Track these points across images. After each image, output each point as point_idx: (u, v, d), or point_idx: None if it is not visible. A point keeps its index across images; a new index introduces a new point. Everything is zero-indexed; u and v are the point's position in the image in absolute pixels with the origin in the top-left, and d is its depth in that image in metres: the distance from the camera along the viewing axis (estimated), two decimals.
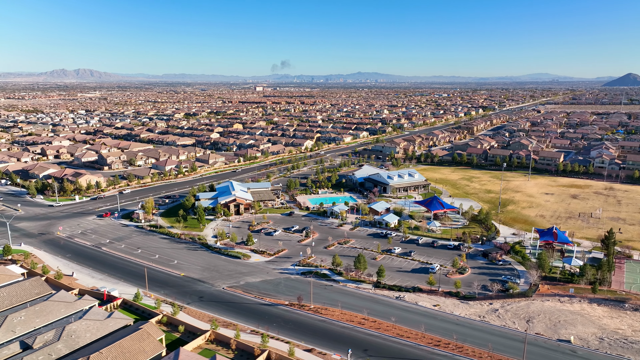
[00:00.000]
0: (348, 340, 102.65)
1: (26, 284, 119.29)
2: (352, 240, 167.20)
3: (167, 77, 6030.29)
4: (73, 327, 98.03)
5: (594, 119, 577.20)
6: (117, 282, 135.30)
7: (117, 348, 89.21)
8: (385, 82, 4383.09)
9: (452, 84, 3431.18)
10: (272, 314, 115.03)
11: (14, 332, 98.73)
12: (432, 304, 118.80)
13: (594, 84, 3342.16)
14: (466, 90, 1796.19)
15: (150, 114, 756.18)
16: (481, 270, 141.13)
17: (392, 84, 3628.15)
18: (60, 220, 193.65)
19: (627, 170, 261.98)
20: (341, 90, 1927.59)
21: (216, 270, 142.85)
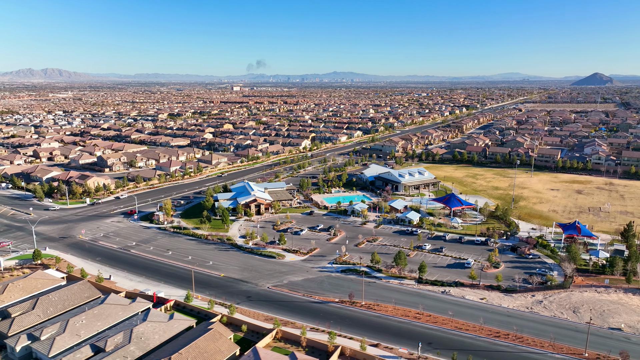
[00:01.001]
0: (408, 334, 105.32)
1: (74, 287, 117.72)
2: (380, 238, 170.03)
3: (140, 77, 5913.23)
4: (140, 329, 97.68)
5: (574, 117, 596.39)
6: (157, 284, 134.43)
7: (195, 348, 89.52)
8: (361, 81, 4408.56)
9: (427, 83, 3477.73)
10: (326, 312, 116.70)
11: (79, 335, 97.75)
12: (479, 298, 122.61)
13: (563, 83, 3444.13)
14: (443, 89, 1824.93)
15: (133, 115, 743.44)
16: (513, 264, 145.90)
17: (368, 84, 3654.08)
18: (78, 224, 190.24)
19: (623, 166, 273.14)
20: (320, 90, 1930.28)
21: (255, 270, 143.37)
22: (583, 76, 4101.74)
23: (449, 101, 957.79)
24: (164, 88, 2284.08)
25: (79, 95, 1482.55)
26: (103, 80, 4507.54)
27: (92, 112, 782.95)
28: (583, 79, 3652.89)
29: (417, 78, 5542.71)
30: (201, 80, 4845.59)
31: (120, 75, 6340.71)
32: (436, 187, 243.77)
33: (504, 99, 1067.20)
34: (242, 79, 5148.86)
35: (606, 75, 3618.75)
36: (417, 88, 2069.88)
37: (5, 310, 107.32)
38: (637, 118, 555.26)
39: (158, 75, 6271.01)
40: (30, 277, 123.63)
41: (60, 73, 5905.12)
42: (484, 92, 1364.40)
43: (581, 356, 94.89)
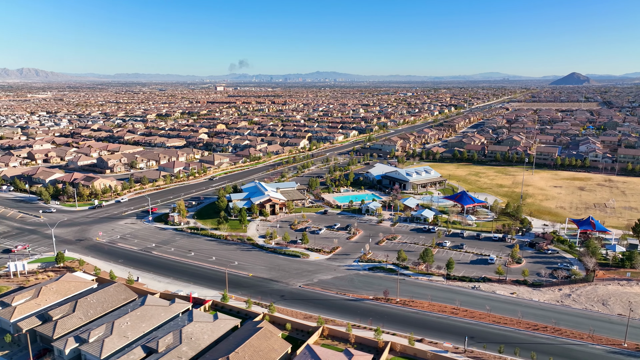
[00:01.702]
0: (448, 329, 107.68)
1: (110, 289, 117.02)
2: (399, 236, 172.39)
3: (120, 77, 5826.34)
4: (189, 330, 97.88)
5: (561, 116, 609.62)
6: (186, 285, 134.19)
7: (249, 347, 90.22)
8: (344, 81, 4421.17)
9: (410, 83, 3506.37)
10: (363, 309, 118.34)
11: (127, 337, 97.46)
12: (509, 292, 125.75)
13: (542, 83, 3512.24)
14: (427, 89, 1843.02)
15: (120, 115, 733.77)
16: (534, 259, 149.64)
17: (351, 83, 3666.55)
18: (91, 226, 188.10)
19: (620, 163, 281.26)
20: (306, 90, 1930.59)
21: (282, 270, 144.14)
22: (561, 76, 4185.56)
23: (436, 100, 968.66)
24: (146, 88, 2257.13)
25: (59, 95, 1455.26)
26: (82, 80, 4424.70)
27: (77, 113, 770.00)
28: (561, 79, 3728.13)
29: (399, 78, 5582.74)
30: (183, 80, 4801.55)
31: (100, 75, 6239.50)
32: (442, 186, 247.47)
33: (489, 98, 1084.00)
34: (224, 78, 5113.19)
35: (583, 75, 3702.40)
36: (400, 88, 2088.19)
37: (46, 313, 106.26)
38: (621, 117, 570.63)
39: (138, 75, 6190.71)
40: (62, 280, 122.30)
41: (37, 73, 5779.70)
42: (469, 92, 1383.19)
43: (620, 346, 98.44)
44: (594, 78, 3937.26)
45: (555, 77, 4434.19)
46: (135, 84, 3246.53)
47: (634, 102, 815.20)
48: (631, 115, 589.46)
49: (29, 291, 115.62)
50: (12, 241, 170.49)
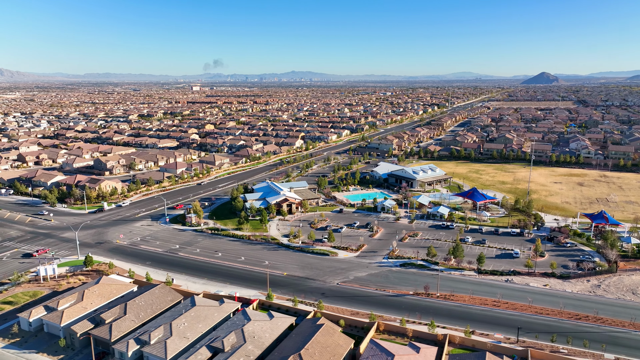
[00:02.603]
0: (494, 320, 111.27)
1: (156, 291, 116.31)
2: (420, 233, 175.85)
3: (90, 77, 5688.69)
4: (250, 329, 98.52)
5: (542, 114, 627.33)
6: (223, 286, 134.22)
7: (316, 344, 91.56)
8: (320, 81, 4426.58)
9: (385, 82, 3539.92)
10: (406, 304, 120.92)
11: (187, 338, 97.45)
12: (542, 284, 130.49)
13: (513, 82, 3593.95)
14: (404, 88, 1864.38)
15: (101, 116, 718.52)
16: (555, 252, 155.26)
17: (327, 83, 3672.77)
18: (107, 229, 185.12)
19: (612, 160, 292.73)
20: (284, 90, 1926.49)
21: (315, 268, 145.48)
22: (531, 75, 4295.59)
23: (417, 100, 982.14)
24: (119, 88, 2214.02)
25: (28, 96, 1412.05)
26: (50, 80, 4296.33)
27: (55, 114, 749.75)
28: (531, 78, 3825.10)
29: (374, 77, 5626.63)
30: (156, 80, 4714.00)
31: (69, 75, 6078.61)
32: (448, 183, 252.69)
33: (468, 97, 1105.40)
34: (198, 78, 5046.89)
35: (552, 75, 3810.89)
36: (376, 87, 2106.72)
37: (97, 316, 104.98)
38: (599, 115, 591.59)
39: (109, 75, 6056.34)
40: (102, 283, 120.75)
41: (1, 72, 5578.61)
42: (447, 91, 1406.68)
43: None
44: (562, 77, 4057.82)
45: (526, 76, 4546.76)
46: (107, 83, 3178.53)
47: (607, 101, 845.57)
48: (607, 114, 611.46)
49: (72, 295, 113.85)
50: (29, 245, 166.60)
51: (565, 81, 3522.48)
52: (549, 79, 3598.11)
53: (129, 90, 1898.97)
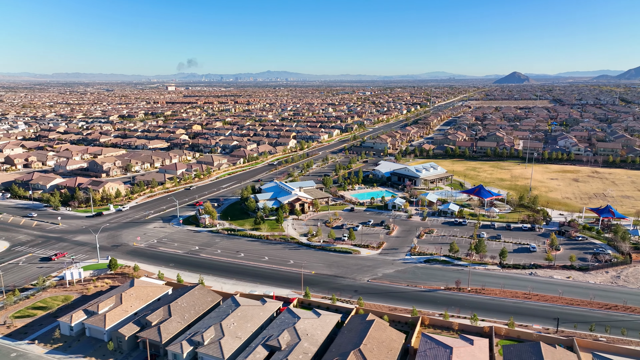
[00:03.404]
0: (529, 312, 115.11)
1: (195, 293, 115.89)
2: (435, 230, 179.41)
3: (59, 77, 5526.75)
4: (301, 327, 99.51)
5: (522, 113, 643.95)
6: (254, 285, 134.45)
7: (372, 339, 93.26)
8: (296, 80, 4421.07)
9: (361, 82, 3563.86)
10: (440, 298, 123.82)
11: (239, 337, 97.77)
12: (565, 277, 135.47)
13: (485, 81, 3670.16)
14: (383, 88, 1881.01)
15: (79, 117, 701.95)
16: (568, 246, 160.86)
17: (303, 83, 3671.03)
18: (119, 231, 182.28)
19: (601, 156, 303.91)
20: (263, 90, 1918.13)
21: (341, 266, 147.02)
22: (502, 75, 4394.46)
23: (398, 99, 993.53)
24: (90, 88, 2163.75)
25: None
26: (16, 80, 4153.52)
27: (29, 115, 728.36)
28: (503, 78, 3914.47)
29: (350, 77, 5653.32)
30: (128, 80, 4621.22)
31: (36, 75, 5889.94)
32: (449, 181, 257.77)
33: (448, 97, 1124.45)
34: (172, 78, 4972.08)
35: (523, 74, 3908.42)
36: (352, 87, 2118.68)
37: (143, 318, 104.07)
38: (576, 113, 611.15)
39: (79, 75, 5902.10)
40: (137, 286, 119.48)
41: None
42: (425, 91, 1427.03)
43: None
44: (532, 77, 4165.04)
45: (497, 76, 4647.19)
46: (77, 84, 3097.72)
47: (581, 100, 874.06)
48: (584, 112, 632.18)
49: (110, 298, 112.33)
50: (43, 249, 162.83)
51: (536, 80, 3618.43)
52: (520, 78, 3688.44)
53: (102, 91, 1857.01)
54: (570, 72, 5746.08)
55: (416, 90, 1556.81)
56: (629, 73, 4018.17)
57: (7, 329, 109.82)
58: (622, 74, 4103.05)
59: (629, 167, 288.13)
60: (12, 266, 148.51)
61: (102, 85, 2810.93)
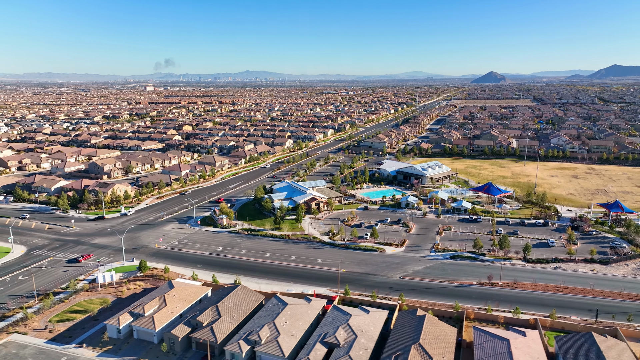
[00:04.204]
0: (563, 304, 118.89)
1: (239, 293, 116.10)
2: (452, 227, 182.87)
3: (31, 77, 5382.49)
4: (354, 323, 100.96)
5: (508, 112, 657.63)
6: (288, 285, 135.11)
7: (429, 334, 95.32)
8: (275, 80, 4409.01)
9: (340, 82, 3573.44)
10: (474, 293, 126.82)
11: (295, 336, 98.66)
12: (589, 270, 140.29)
13: (463, 81, 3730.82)
14: (365, 87, 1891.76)
15: (62, 118, 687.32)
16: (583, 240, 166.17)
17: (283, 82, 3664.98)
18: (137, 233, 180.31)
19: (595, 153, 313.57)
20: (245, 90, 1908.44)
21: (370, 264, 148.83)
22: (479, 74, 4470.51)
23: (382, 99, 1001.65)
24: (65, 88, 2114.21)
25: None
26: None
27: (7, 116, 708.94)
28: (480, 77, 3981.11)
29: (329, 77, 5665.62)
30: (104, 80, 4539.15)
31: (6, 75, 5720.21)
32: (454, 179, 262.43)
33: (431, 96, 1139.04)
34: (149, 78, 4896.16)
35: (500, 74, 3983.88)
36: (333, 86, 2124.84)
37: (193, 319, 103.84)
38: (561, 112, 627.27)
39: (52, 75, 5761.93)
40: (177, 287, 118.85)
41: None
42: (407, 90, 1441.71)
43: None
44: (508, 77, 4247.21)
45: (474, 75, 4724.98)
46: (51, 84, 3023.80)
47: (561, 99, 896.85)
48: (567, 111, 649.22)
49: (154, 300, 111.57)
50: (64, 253, 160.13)
51: (512, 80, 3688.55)
52: (497, 78, 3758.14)
53: (78, 91, 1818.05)
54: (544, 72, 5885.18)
55: (398, 89, 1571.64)
56: (600, 73, 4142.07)
57: (50, 333, 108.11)
58: (594, 74, 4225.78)
59: (622, 164, 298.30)
60: (36, 270, 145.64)
61: (76, 85, 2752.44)
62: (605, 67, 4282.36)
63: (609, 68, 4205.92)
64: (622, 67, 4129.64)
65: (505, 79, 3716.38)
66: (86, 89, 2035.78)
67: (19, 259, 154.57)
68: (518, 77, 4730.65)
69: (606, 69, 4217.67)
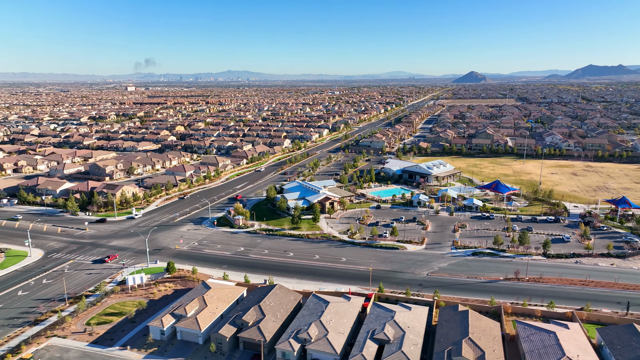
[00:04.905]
0: (592, 298, 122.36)
1: (277, 292, 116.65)
2: (467, 224, 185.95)
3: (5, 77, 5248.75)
4: (400, 320, 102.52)
5: (491, 111, 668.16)
6: (317, 283, 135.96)
7: (476, 327, 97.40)
8: (257, 80, 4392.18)
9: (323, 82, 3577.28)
10: (503, 288, 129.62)
11: (342, 333, 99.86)
12: (609, 264, 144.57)
13: (444, 81, 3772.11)
14: (350, 87, 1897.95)
15: (46, 119, 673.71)
16: (596, 235, 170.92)
17: (265, 82, 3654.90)
18: (155, 235, 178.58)
19: (590, 151, 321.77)
20: (228, 89, 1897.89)
21: (394, 262, 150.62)
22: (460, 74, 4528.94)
23: (370, 99, 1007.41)
24: (42, 89, 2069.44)
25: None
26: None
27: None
28: (461, 77, 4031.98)
29: (311, 77, 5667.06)
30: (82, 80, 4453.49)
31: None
32: (458, 177, 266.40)
33: (418, 96, 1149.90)
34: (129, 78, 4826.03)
35: (480, 74, 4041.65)
36: (316, 86, 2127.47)
37: (238, 319, 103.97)
38: (548, 112, 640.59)
39: (27, 75, 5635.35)
40: (214, 288, 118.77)
41: None
42: (392, 90, 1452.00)
43: None
44: (488, 76, 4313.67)
45: (455, 75, 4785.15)
46: (26, 84, 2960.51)
47: (545, 98, 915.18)
48: (553, 110, 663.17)
49: (194, 301, 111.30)
50: (82, 256, 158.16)
51: (492, 80, 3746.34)
52: (478, 77, 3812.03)
53: (57, 92, 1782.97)
54: (523, 72, 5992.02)
55: (383, 89, 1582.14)
56: (577, 73, 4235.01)
57: (90, 336, 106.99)
58: (570, 74, 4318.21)
59: (617, 161, 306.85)
60: (59, 273, 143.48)
61: (54, 85, 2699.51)
62: (581, 67, 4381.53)
63: (585, 68, 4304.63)
64: (597, 67, 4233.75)
65: (485, 78, 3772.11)
66: (65, 89, 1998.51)
67: (39, 263, 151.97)
68: (498, 76, 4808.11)
69: (582, 69, 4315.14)
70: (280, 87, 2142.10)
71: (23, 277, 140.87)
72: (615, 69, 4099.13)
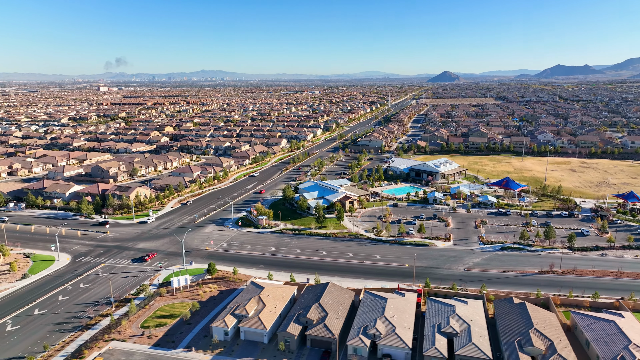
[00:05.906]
0: (626, 288, 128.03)
1: (332, 290, 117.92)
2: (487, 220, 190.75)
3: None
4: (462, 313, 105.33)
5: (474, 110, 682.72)
6: (359, 280, 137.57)
7: (539, 319, 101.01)
8: (232, 80, 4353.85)
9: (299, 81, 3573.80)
10: (540, 280, 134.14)
11: (408, 328, 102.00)
12: (634, 255, 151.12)
13: (419, 80, 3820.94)
14: (329, 87, 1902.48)
15: (25, 121, 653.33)
16: (611, 229, 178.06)
17: (240, 82, 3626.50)
18: (181, 237, 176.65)
19: (583, 148, 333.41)
20: (203, 89, 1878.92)
21: (428, 258, 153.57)
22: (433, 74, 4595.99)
23: (352, 98, 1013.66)
24: (8, 89, 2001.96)
25: None
26: None
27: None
28: (436, 77, 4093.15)
29: (286, 77, 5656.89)
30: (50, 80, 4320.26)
31: None
32: (464, 175, 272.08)
33: (398, 95, 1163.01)
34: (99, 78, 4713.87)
35: (454, 73, 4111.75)
36: (293, 86, 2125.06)
37: (302, 318, 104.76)
38: (530, 110, 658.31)
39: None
40: (268, 288, 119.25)
41: None
42: (373, 90, 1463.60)
43: None
44: (461, 76, 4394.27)
45: (429, 75, 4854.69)
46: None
47: (524, 97, 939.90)
48: (534, 109, 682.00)
49: (252, 302, 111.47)
50: (113, 260, 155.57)
51: (465, 79, 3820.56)
52: (451, 77, 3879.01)
53: (25, 92, 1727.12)
54: (494, 72, 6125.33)
55: (362, 89, 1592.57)
56: (546, 72, 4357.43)
57: (149, 338, 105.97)
58: (540, 73, 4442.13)
59: (609, 158, 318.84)
60: (93, 277, 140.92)
61: (20, 85, 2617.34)
62: (550, 67, 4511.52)
63: (553, 68, 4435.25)
64: (565, 66, 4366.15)
65: (459, 78, 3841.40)
66: (33, 90, 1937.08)
67: (69, 267, 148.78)
68: (470, 76, 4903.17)
69: (551, 68, 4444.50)
70: (257, 87, 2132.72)
71: (58, 282, 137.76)
72: (582, 68, 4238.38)
